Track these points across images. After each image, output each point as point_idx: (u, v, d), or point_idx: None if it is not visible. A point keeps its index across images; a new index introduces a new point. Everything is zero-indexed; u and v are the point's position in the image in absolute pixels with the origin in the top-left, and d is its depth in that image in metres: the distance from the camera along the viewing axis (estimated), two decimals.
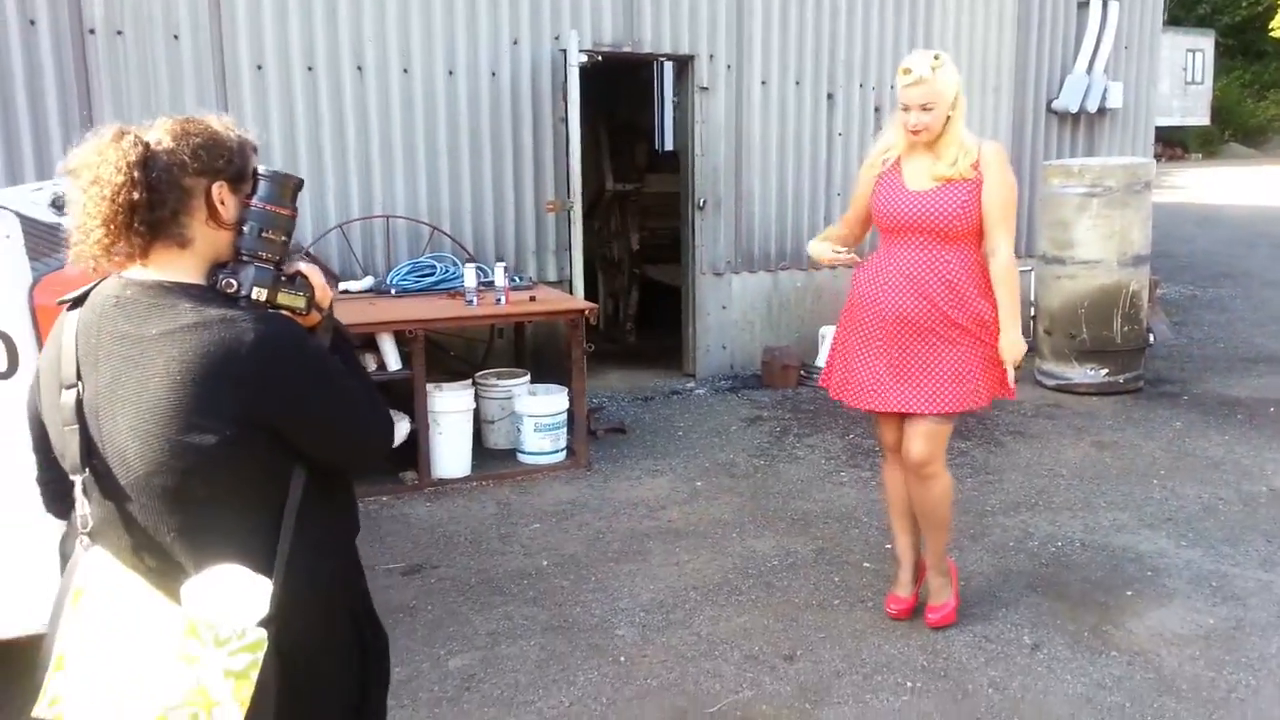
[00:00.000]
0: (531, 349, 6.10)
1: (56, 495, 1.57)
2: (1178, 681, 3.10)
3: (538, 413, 5.08)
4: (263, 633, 1.40)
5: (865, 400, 3.29)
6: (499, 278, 5.02)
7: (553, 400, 5.13)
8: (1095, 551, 4.06)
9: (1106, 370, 6.32)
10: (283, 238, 1.55)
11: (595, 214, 7.89)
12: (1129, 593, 3.70)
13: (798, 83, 6.79)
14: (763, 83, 6.68)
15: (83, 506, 1.49)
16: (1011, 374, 3.24)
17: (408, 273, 5.40)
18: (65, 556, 1.56)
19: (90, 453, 1.48)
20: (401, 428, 4.84)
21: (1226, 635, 3.38)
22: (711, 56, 6.51)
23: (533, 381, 5.39)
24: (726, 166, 6.65)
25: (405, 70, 5.69)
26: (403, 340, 4.77)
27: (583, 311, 5.03)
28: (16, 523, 2.74)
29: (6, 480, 2.70)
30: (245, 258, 1.52)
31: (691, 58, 6.48)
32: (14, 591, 2.73)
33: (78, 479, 1.49)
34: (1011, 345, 3.19)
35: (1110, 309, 6.27)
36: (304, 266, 1.59)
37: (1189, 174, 22.34)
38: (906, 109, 3.13)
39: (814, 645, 3.35)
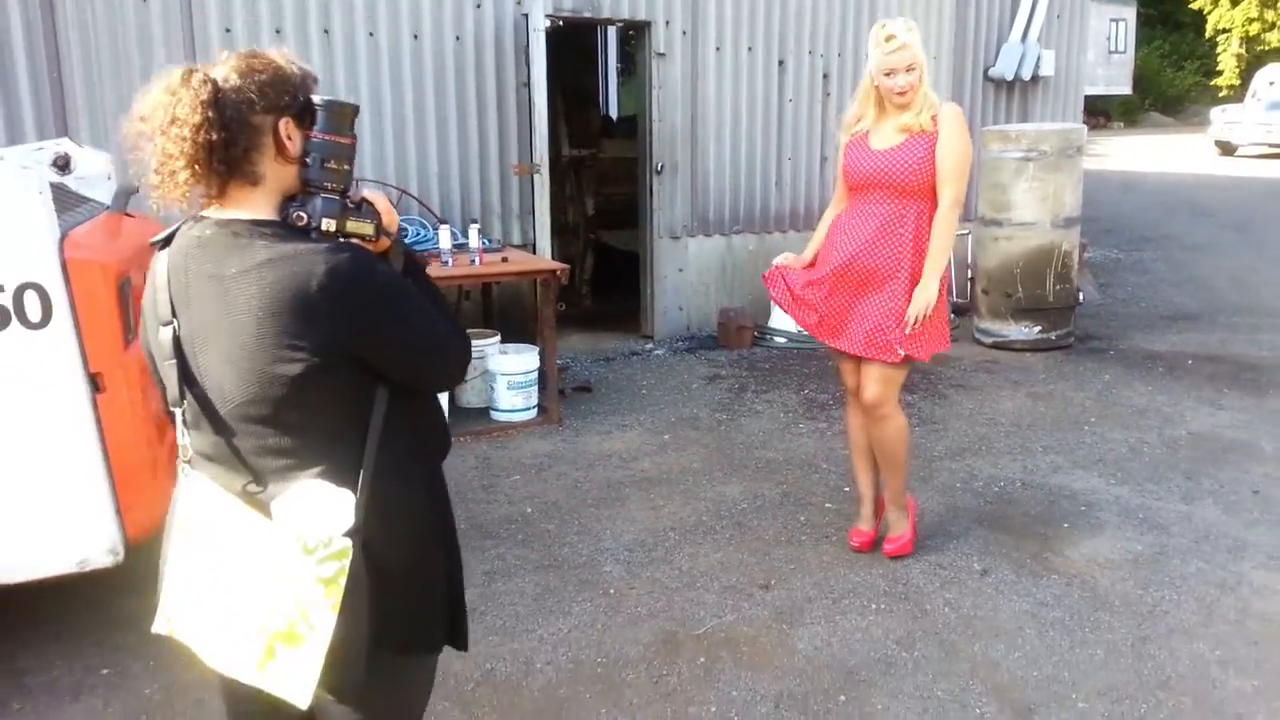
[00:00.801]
0: (497, 310, 6.28)
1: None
2: (1110, 598, 3.47)
3: (511, 371, 5.29)
4: (348, 542, 1.49)
5: (829, 336, 3.57)
6: (473, 239, 5.19)
7: (524, 359, 5.34)
8: (1034, 490, 4.43)
9: (1040, 327, 6.73)
10: (345, 166, 1.59)
11: (551, 179, 8.04)
12: (1065, 525, 4.07)
13: (750, 49, 7.02)
14: (717, 49, 6.90)
15: (183, 436, 1.60)
16: (910, 324, 3.40)
17: None
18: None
19: (189, 385, 1.57)
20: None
21: (1151, 559, 3.77)
22: (668, 23, 6.70)
23: (501, 342, 5.59)
24: (683, 132, 6.87)
25: (371, 34, 5.79)
26: None
27: (555, 271, 5.24)
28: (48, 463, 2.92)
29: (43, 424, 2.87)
30: (312, 189, 1.56)
31: (648, 24, 6.66)
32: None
33: (178, 411, 1.59)
34: (924, 296, 3.40)
35: (1044, 269, 6.67)
36: (369, 193, 1.63)
37: (1112, 142, 23.14)
38: (891, 73, 3.38)
39: (786, 576, 3.65)
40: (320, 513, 1.50)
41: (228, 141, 1.48)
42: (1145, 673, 3.02)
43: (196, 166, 1.48)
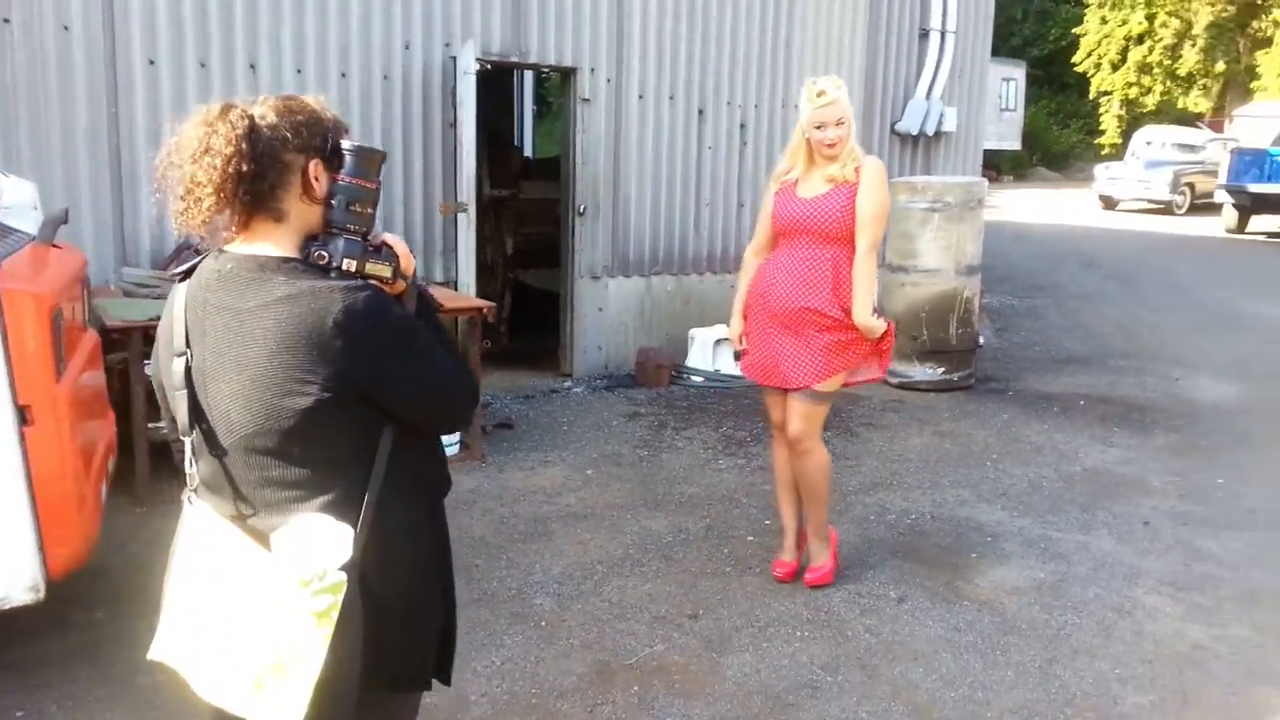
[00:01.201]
0: None
1: (183, 453, 1.67)
2: (1018, 623, 3.67)
3: None
4: (343, 576, 1.51)
5: (760, 375, 3.76)
6: None
7: None
8: (943, 522, 4.65)
9: (944, 369, 7.04)
10: (369, 210, 1.64)
11: None
12: (973, 555, 4.28)
13: (672, 98, 7.24)
14: (640, 97, 7.10)
15: (190, 465, 1.63)
16: (871, 336, 3.61)
17: None
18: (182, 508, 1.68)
19: (197, 416, 1.60)
20: None
21: (1054, 585, 3.99)
22: (593, 70, 6.88)
23: None
24: (605, 175, 7.03)
25: (299, 70, 5.81)
26: None
27: (481, 309, 5.30)
28: None
29: None
30: (335, 230, 1.60)
31: (574, 70, 6.83)
32: None
33: (187, 440, 1.62)
34: (860, 318, 3.58)
35: (947, 313, 7.00)
36: (389, 237, 1.68)
37: (1003, 194, 24.23)
38: (822, 126, 3.58)
39: (713, 606, 3.75)
40: (318, 546, 1.52)
41: (256, 174, 1.53)
42: (1052, 691, 3.21)
43: (222, 195, 1.52)
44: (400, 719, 1.83)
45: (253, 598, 1.53)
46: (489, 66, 6.55)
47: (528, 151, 11.09)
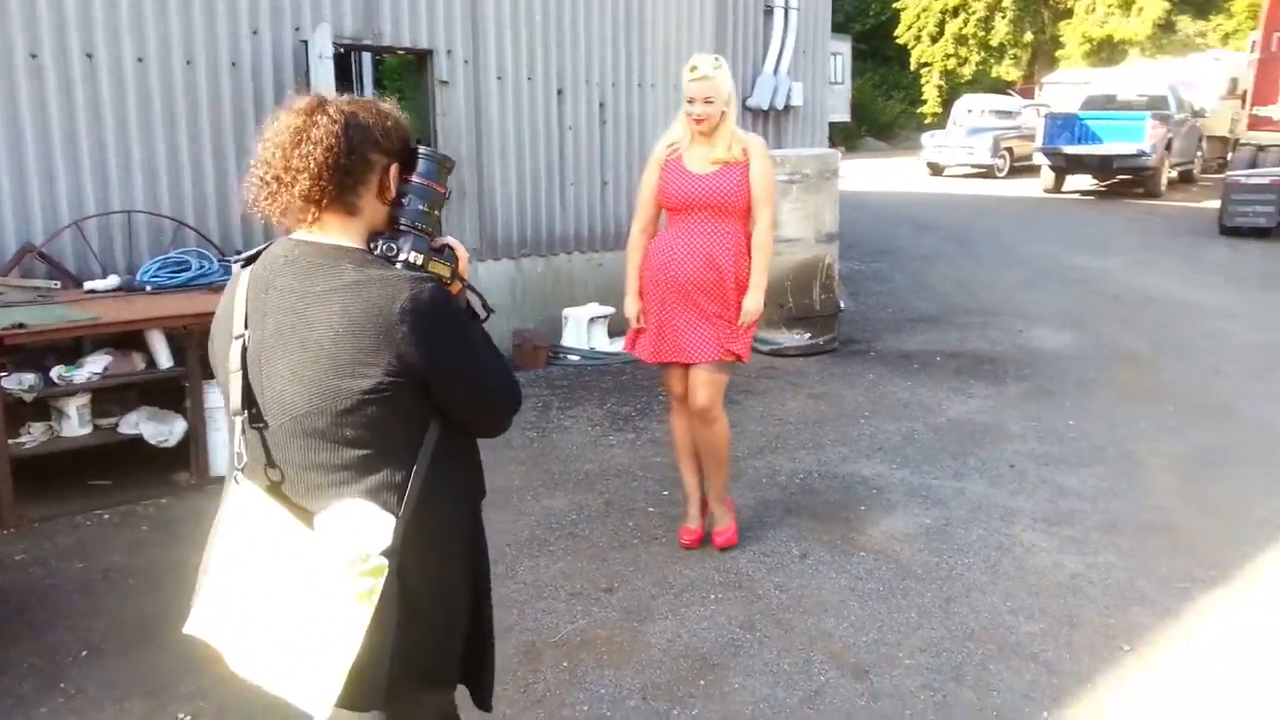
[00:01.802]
0: None
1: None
2: (913, 567, 3.89)
3: None
4: (384, 560, 1.55)
5: (662, 354, 3.81)
6: None
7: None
8: (830, 479, 4.85)
9: (810, 334, 7.31)
10: (437, 212, 1.72)
11: None
12: (862, 508, 4.50)
13: (530, 79, 7.20)
14: (498, 78, 7.03)
15: (239, 444, 1.65)
16: (744, 325, 3.77)
17: (159, 269, 5.23)
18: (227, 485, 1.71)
19: (250, 397, 1.63)
20: (176, 428, 4.76)
21: (939, 531, 4.24)
22: (449, 52, 6.77)
23: None
24: (469, 158, 6.94)
25: (140, 59, 5.47)
26: (172, 337, 4.68)
27: None
28: None
29: None
30: (404, 227, 1.68)
31: (430, 52, 6.70)
32: None
33: (238, 420, 1.64)
34: (754, 303, 3.77)
35: (810, 280, 7.26)
36: (450, 240, 1.74)
37: (839, 165, 25.15)
38: (692, 101, 3.66)
39: (626, 578, 3.82)
40: (362, 530, 1.56)
41: (347, 168, 1.60)
42: (954, 628, 3.43)
43: (318, 183, 1.59)
44: (425, 716, 1.82)
45: (295, 576, 1.55)
46: (341, 50, 6.35)
47: None
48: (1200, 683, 3.11)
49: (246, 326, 1.64)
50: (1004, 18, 32.39)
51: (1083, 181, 18.76)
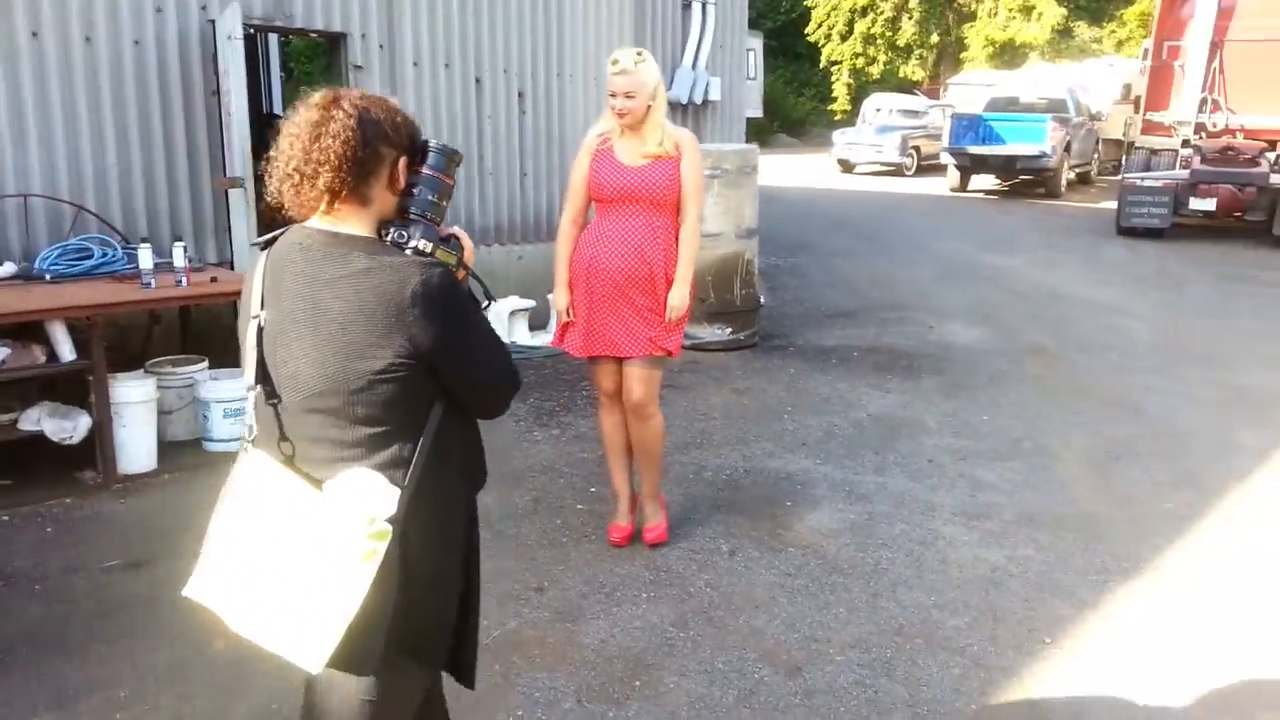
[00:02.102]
0: (193, 334, 5.83)
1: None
2: (839, 563, 3.92)
3: (227, 397, 4.96)
4: (388, 526, 1.62)
5: (593, 348, 3.76)
6: (178, 259, 4.81)
7: (241, 384, 5.01)
8: (756, 475, 4.87)
9: (731, 329, 7.34)
10: (444, 203, 1.80)
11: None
12: (788, 503, 4.53)
13: (448, 66, 7.05)
14: (415, 64, 6.87)
15: (250, 417, 1.75)
16: (671, 319, 3.76)
17: (59, 256, 4.96)
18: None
19: (264, 374, 1.72)
20: (80, 424, 4.52)
21: (864, 525, 4.29)
22: (364, 36, 6.58)
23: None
24: None
25: (34, 34, 5.18)
26: (74, 329, 4.44)
27: None
28: None
29: None
30: (414, 216, 1.76)
31: (344, 35, 6.50)
32: None
33: (251, 394, 1.74)
34: (679, 298, 3.76)
35: (731, 275, 7.29)
36: (456, 230, 1.84)
37: None
38: (614, 95, 3.61)
39: (557, 577, 3.76)
40: (368, 498, 1.64)
41: (362, 160, 1.69)
42: (882, 623, 3.47)
43: (338, 174, 1.67)
44: (409, 691, 1.86)
45: (300, 536, 1.63)
46: (250, 30, 6.11)
47: (278, 108, 10.49)
48: (1121, 673, 3.20)
49: (263, 307, 1.73)
50: (911, 19, 33.12)
51: (987, 181, 19.30)
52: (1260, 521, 4.41)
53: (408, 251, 1.72)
